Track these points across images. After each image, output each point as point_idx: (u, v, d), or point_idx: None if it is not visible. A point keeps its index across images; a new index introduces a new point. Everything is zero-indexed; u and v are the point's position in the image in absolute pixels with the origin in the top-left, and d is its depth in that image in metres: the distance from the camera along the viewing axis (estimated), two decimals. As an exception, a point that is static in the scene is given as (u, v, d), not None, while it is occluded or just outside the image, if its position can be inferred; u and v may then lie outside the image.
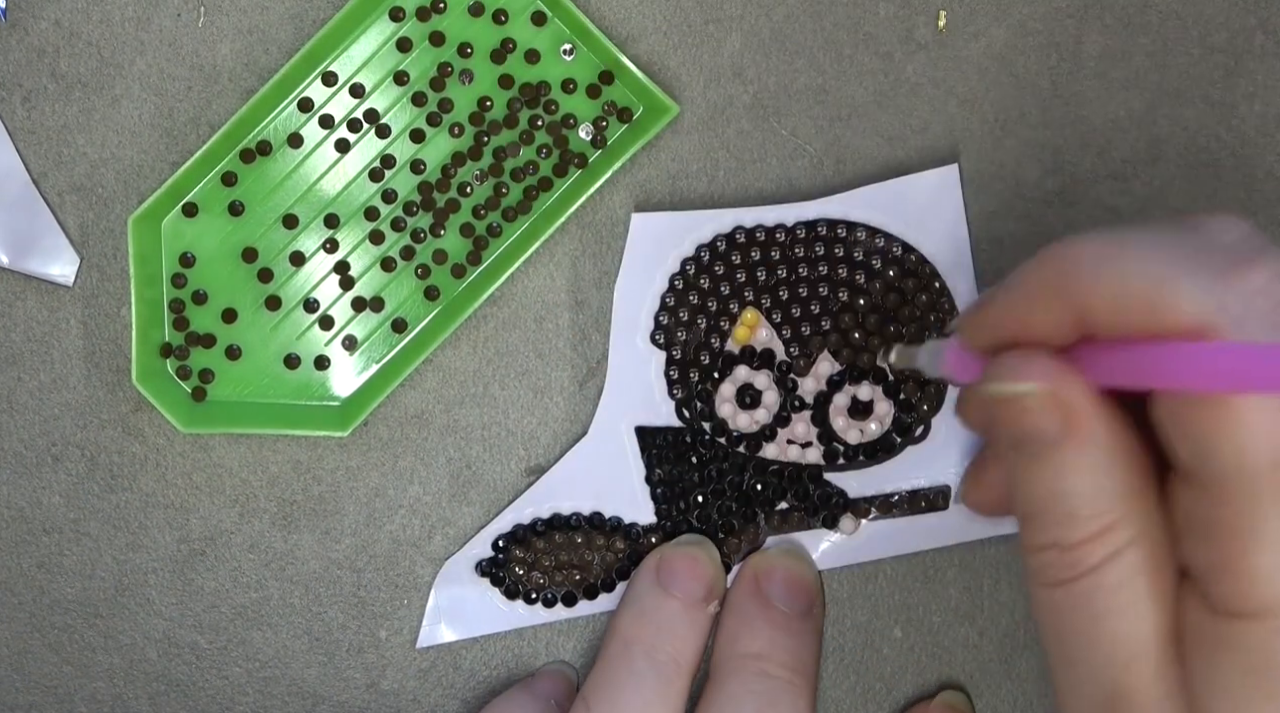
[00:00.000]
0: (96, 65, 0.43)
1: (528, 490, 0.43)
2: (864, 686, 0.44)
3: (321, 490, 0.43)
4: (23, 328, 0.43)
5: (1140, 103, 0.43)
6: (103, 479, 0.43)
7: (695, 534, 0.43)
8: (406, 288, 0.43)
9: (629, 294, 0.43)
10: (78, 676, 0.44)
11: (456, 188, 0.42)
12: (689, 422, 0.43)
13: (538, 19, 0.42)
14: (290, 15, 0.43)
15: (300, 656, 0.44)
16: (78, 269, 0.43)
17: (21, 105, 0.43)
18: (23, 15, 0.43)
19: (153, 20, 0.43)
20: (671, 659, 0.40)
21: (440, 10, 0.42)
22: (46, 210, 0.43)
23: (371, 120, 0.42)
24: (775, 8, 0.43)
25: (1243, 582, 0.27)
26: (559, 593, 0.43)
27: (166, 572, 0.44)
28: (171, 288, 0.42)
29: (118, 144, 0.43)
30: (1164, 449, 0.29)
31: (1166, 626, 0.29)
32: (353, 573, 0.44)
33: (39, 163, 0.43)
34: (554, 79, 0.42)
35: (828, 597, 0.44)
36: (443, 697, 0.44)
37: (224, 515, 0.43)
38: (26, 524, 0.43)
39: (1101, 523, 0.30)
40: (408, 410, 0.43)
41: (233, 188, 0.42)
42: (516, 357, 0.43)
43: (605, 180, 0.42)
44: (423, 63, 0.42)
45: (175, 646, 0.44)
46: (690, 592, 0.41)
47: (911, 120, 0.43)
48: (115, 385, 0.43)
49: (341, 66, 0.42)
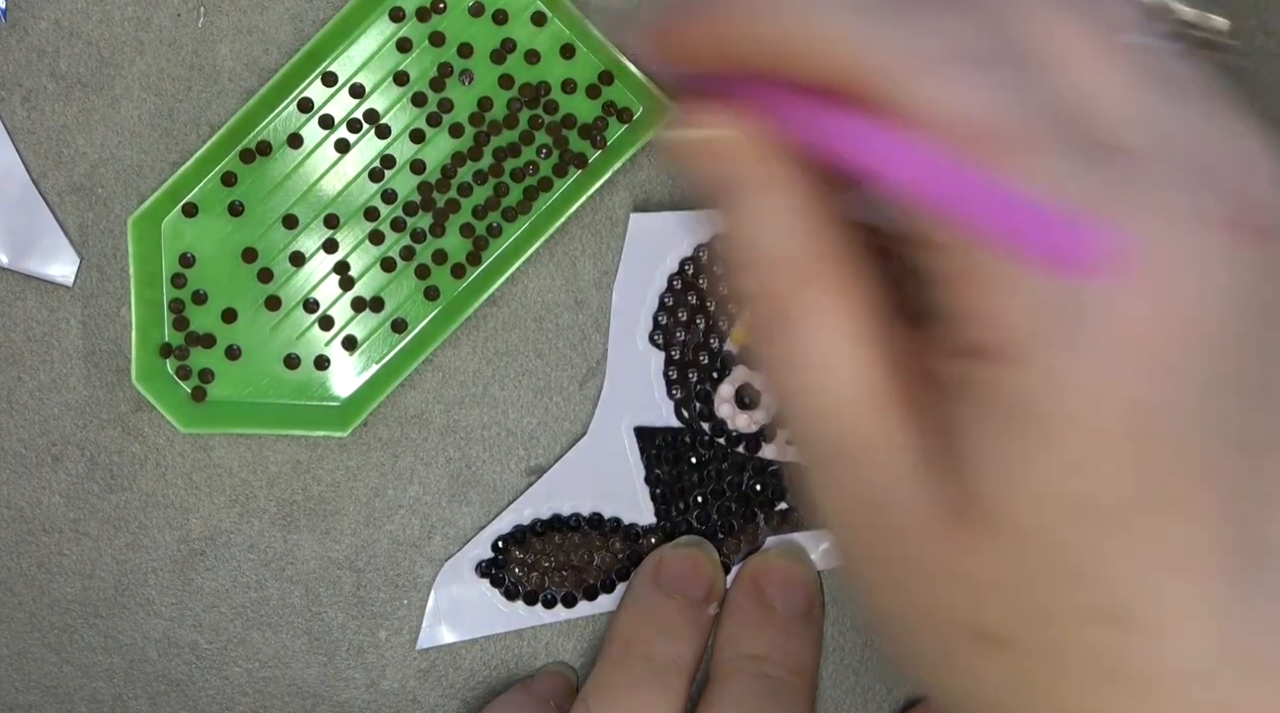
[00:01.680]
0: (96, 65, 0.43)
1: (528, 491, 0.43)
2: (864, 686, 0.44)
3: (321, 490, 0.43)
4: (23, 328, 0.43)
5: (1140, 103, 0.43)
6: (103, 479, 0.43)
7: (694, 535, 0.43)
8: (406, 288, 0.43)
9: (628, 294, 0.43)
10: (78, 676, 0.44)
11: (456, 188, 0.42)
12: (688, 422, 0.43)
13: (538, 19, 0.42)
14: (290, 15, 0.43)
15: (300, 656, 0.44)
16: (78, 269, 0.43)
17: (21, 105, 0.43)
18: (23, 15, 0.43)
19: (153, 20, 0.43)
20: (671, 661, 0.40)
21: (440, 10, 0.42)
22: (46, 210, 0.43)
23: (371, 121, 0.42)
24: (775, 8, 0.43)
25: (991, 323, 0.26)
26: (559, 594, 0.43)
27: (166, 572, 0.44)
28: (171, 288, 0.42)
29: (118, 144, 0.43)
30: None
31: (883, 371, 0.29)
32: (353, 573, 0.44)
33: (39, 163, 0.43)
34: (554, 79, 0.42)
35: (827, 597, 0.44)
36: (443, 697, 0.44)
37: (224, 515, 0.43)
38: (26, 524, 0.43)
39: (792, 271, 0.29)
40: (408, 410, 0.43)
41: (233, 188, 0.42)
42: (516, 357, 0.43)
43: (605, 180, 0.42)
44: (423, 63, 0.42)
45: (175, 646, 0.44)
46: (690, 593, 0.41)
47: (911, 120, 0.43)
48: (115, 385, 0.43)
49: (341, 67, 0.42)
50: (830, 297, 0.29)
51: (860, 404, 0.29)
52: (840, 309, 0.29)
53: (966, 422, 0.27)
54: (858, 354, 0.29)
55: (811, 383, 0.29)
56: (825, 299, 0.29)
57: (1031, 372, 0.26)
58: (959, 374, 0.27)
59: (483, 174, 0.42)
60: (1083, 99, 0.27)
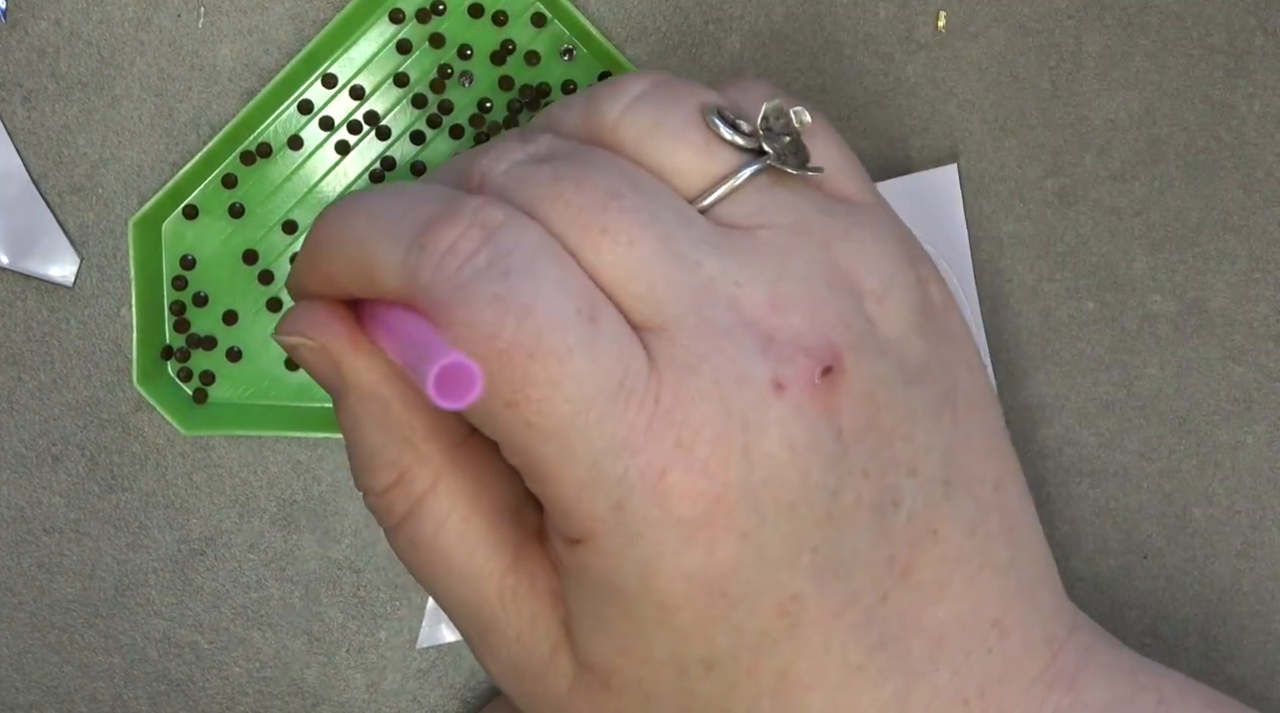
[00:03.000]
0: (96, 65, 0.43)
1: (528, 491, 0.43)
2: (863, 686, 0.44)
3: (321, 490, 0.43)
4: (23, 328, 0.43)
5: (1140, 103, 0.43)
6: (103, 479, 0.43)
7: None
8: (407, 289, 0.43)
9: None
10: (78, 676, 0.44)
11: (457, 189, 0.42)
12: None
13: (537, 20, 0.42)
14: (290, 16, 0.43)
15: (300, 656, 0.44)
16: (78, 270, 0.43)
17: (21, 105, 0.43)
18: (23, 15, 0.42)
19: (153, 20, 0.43)
20: None
21: (440, 12, 0.42)
22: (46, 210, 0.43)
23: (372, 122, 0.42)
24: (775, 8, 0.43)
25: (560, 512, 0.28)
26: (559, 594, 0.43)
27: (166, 572, 0.44)
28: (172, 290, 0.42)
29: (118, 144, 0.43)
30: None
31: (505, 561, 0.30)
32: (353, 573, 0.44)
33: (39, 163, 0.43)
34: (554, 81, 0.42)
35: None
36: (443, 697, 0.44)
37: (224, 515, 0.44)
38: (26, 524, 0.43)
39: (394, 472, 0.30)
40: (408, 411, 0.43)
41: (233, 190, 0.42)
42: (516, 357, 0.43)
43: (605, 182, 0.42)
44: (423, 64, 0.42)
45: (175, 646, 0.44)
46: None
47: (911, 121, 0.43)
48: (115, 386, 0.43)
49: (341, 68, 0.42)
50: (441, 498, 0.31)
51: (488, 596, 0.30)
52: (454, 508, 0.31)
53: (571, 598, 0.29)
54: (476, 552, 0.30)
55: (445, 580, 0.31)
56: (436, 501, 0.31)
57: (603, 555, 0.28)
58: (560, 556, 0.29)
59: (483, 175, 0.42)
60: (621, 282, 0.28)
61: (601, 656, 0.29)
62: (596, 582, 0.28)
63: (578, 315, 0.27)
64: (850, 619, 0.28)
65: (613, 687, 0.29)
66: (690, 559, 0.27)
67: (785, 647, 0.28)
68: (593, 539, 0.28)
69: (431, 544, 0.30)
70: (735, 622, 0.28)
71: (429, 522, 0.30)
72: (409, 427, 0.30)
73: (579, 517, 0.27)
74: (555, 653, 0.30)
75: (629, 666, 0.29)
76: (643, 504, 0.27)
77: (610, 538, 0.27)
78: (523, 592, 0.30)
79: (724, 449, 0.27)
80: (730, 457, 0.27)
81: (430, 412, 0.31)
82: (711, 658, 0.28)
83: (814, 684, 0.28)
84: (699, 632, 0.28)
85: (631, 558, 0.27)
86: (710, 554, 0.27)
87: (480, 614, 0.30)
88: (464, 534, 0.30)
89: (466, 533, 0.30)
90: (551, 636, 0.30)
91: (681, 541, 0.27)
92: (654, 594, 0.27)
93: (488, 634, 0.31)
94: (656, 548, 0.27)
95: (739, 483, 0.27)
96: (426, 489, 0.30)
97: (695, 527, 0.27)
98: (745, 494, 0.27)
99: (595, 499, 0.27)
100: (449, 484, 0.30)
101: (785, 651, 0.28)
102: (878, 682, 0.29)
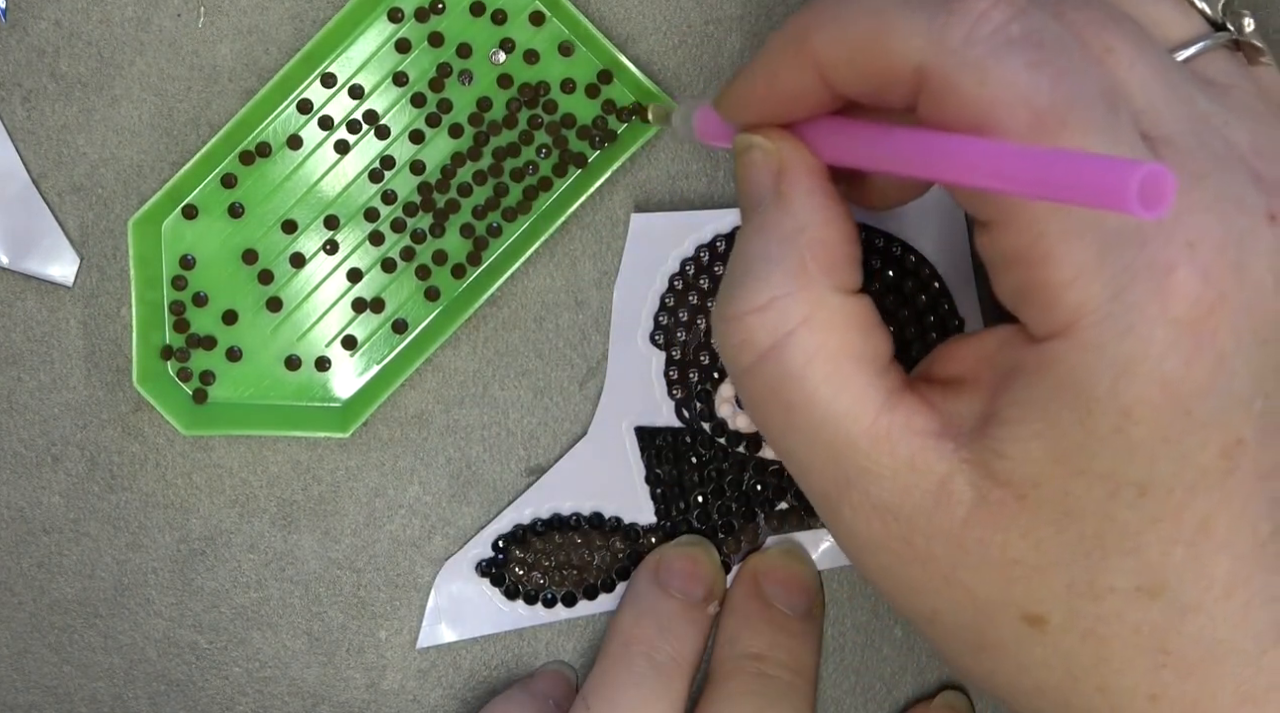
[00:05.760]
0: (96, 65, 0.43)
1: (528, 490, 0.43)
2: (864, 686, 0.44)
3: (321, 490, 0.43)
4: (23, 328, 0.43)
5: (1140, 103, 0.43)
6: (103, 479, 0.43)
7: (694, 534, 0.43)
8: (407, 289, 0.43)
9: (629, 294, 0.43)
10: (78, 676, 0.44)
11: (456, 188, 0.42)
12: (689, 422, 0.43)
13: (536, 19, 0.42)
14: (290, 15, 0.43)
15: (300, 656, 0.44)
16: (78, 269, 0.43)
17: (21, 105, 0.43)
18: (23, 15, 0.42)
19: (153, 20, 0.43)
20: (671, 660, 0.40)
21: (439, 11, 0.42)
22: (46, 210, 0.43)
23: (371, 121, 0.42)
24: (775, 8, 0.43)
25: (1045, 300, 0.28)
26: (559, 593, 0.43)
27: (166, 572, 0.44)
28: (172, 290, 0.42)
29: (118, 144, 0.43)
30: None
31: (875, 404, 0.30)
32: (353, 573, 0.44)
33: (39, 163, 0.43)
34: (553, 79, 0.42)
35: (828, 597, 0.44)
36: (443, 697, 0.44)
37: (224, 515, 0.44)
38: (26, 524, 0.43)
39: (767, 295, 0.30)
40: (408, 411, 0.43)
41: (232, 190, 0.42)
42: (516, 357, 0.43)
43: (605, 180, 0.42)
44: (422, 63, 0.42)
45: (175, 646, 0.44)
46: (690, 592, 0.41)
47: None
48: (115, 386, 0.43)
49: (340, 68, 0.42)
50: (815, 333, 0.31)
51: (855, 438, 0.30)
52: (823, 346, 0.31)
53: (1013, 404, 0.28)
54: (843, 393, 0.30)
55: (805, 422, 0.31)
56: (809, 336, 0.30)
57: (1081, 349, 0.27)
58: (1018, 357, 0.29)
59: (482, 174, 0.42)
60: (1129, 93, 0.28)
61: (1033, 464, 0.28)
62: (1062, 381, 0.28)
63: (1101, 99, 0.27)
64: (1271, 490, 0.28)
65: (1029, 500, 0.28)
66: (1170, 366, 0.27)
67: (1216, 493, 0.28)
68: (1074, 332, 0.27)
69: (798, 381, 0.30)
70: (1185, 449, 0.27)
71: (798, 356, 0.30)
72: (811, 253, 0.30)
73: (1067, 306, 0.27)
74: (945, 485, 0.29)
75: (1060, 476, 0.28)
76: (1143, 297, 0.27)
77: (1095, 330, 0.27)
78: (897, 433, 0.30)
79: (1223, 261, 0.27)
80: (1226, 270, 0.27)
81: (837, 249, 0.31)
82: (1148, 483, 0.28)
83: (1225, 545, 0.28)
84: (1147, 451, 0.27)
85: (1112, 354, 0.27)
86: (1188, 366, 0.27)
87: (842, 459, 0.30)
88: (830, 375, 0.30)
89: (833, 374, 0.30)
90: (937, 470, 0.29)
91: (1168, 344, 0.27)
92: (1121, 398, 0.27)
93: (852, 480, 0.30)
94: (1143, 346, 0.27)
95: (1231, 298, 0.27)
96: (799, 323, 0.30)
97: (1184, 331, 0.27)
98: (1234, 311, 0.27)
99: (1092, 286, 0.27)
100: (822, 323, 0.30)
101: (1214, 497, 0.28)
102: (1275, 566, 0.28)
